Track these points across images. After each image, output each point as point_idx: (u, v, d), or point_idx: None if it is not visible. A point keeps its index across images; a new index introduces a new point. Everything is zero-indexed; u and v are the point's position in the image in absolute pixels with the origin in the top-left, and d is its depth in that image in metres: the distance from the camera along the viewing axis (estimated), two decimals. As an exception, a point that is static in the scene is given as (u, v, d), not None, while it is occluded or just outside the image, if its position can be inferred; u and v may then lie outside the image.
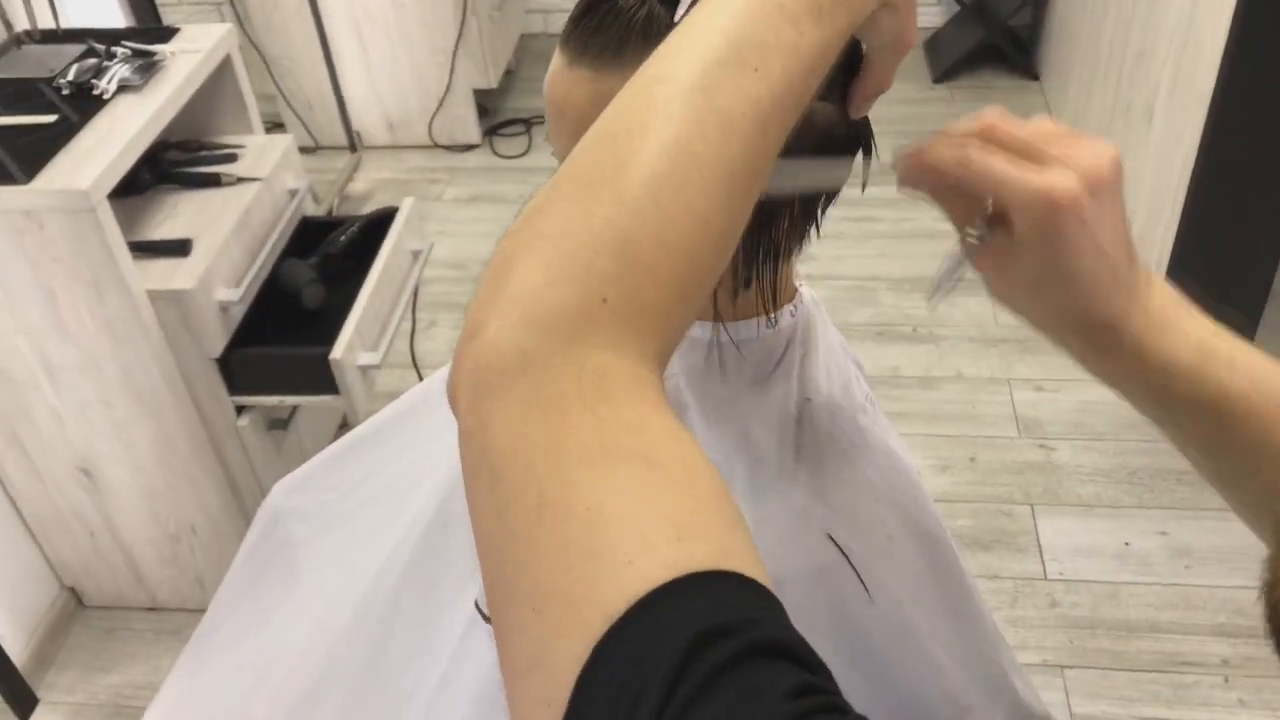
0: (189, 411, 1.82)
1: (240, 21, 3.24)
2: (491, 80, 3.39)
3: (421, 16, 3.22)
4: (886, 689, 0.74)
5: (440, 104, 3.35)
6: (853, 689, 0.72)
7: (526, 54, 3.86)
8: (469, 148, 3.43)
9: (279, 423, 2.01)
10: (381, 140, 3.46)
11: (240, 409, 1.90)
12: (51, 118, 1.71)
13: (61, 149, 1.64)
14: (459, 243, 3.01)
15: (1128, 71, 2.70)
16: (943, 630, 0.79)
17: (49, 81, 1.79)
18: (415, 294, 2.13)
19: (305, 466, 1.10)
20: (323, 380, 1.82)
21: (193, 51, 1.89)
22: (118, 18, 2.43)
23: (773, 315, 0.77)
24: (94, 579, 2.10)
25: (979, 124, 0.56)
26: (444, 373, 1.13)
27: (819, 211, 0.73)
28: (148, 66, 1.81)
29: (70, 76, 1.78)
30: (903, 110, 3.45)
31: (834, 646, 0.73)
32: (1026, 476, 2.27)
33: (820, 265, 2.83)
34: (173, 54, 1.87)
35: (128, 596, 2.12)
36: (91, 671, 2.06)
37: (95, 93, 1.76)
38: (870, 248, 2.88)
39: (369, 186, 3.31)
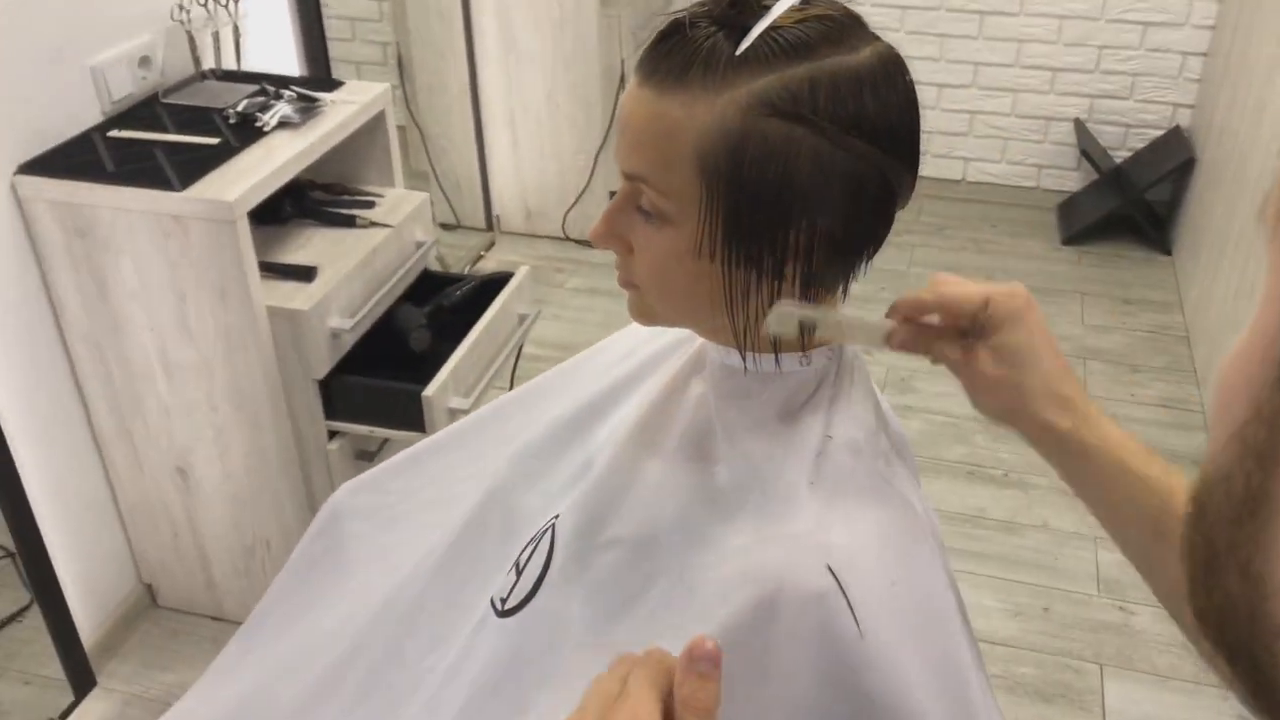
0: (285, 427, 1.93)
1: (407, 102, 3.48)
2: (628, 184, 3.54)
3: (572, 118, 3.41)
4: None
5: (577, 200, 3.51)
6: (837, 716, 0.73)
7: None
8: (597, 244, 3.56)
9: (366, 454, 2.10)
10: (518, 227, 3.63)
11: (332, 434, 2.00)
12: (215, 140, 1.88)
13: (217, 167, 1.80)
14: (569, 327, 3.12)
15: (1257, 254, 2.67)
16: (932, 684, 0.78)
17: (219, 111, 1.98)
18: (517, 358, 2.22)
19: (373, 470, 1.16)
20: (413, 416, 1.91)
21: (352, 103, 2.06)
22: (295, 70, 2.65)
23: (808, 356, 0.81)
24: (170, 578, 2.20)
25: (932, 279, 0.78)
26: (513, 394, 1.19)
27: (862, 262, 0.77)
28: (308, 109, 1.98)
29: (239, 109, 1.96)
30: (1028, 266, 3.47)
31: (821, 668, 0.73)
32: (1101, 636, 2.18)
33: (920, 399, 2.83)
34: (334, 102, 2.04)
35: (197, 602, 2.21)
36: (150, 668, 2.14)
37: (257, 125, 1.93)
38: (973, 390, 2.87)
39: (498, 266, 3.46)
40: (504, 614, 0.89)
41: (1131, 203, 3.49)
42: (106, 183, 1.76)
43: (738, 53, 0.69)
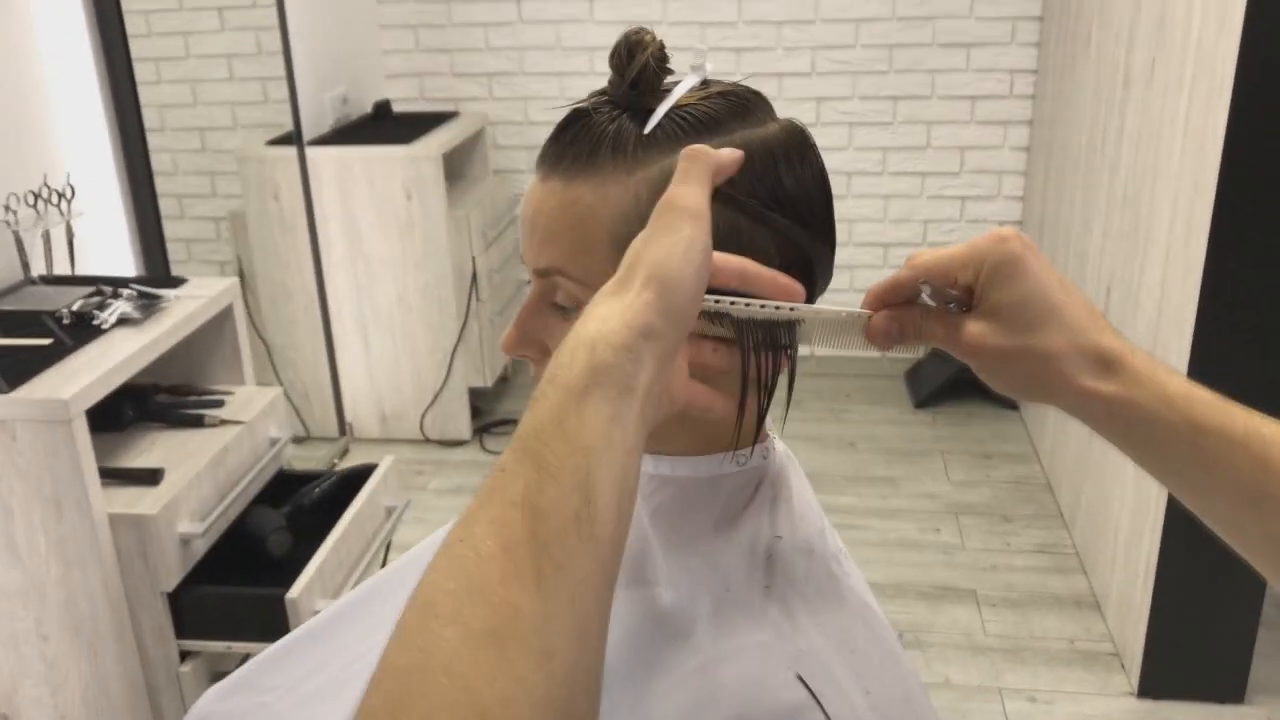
0: (130, 650, 1.72)
1: (250, 314, 3.38)
2: (487, 380, 3.49)
3: (426, 318, 3.37)
4: None
5: (435, 399, 3.43)
6: None
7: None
8: (458, 443, 3.46)
9: (223, 675, 1.88)
10: (373, 433, 3.51)
11: (185, 655, 1.79)
12: (47, 341, 1.75)
13: (50, 367, 1.67)
14: (435, 530, 2.98)
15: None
16: None
17: (52, 314, 1.85)
18: (386, 553, 2.08)
19: (241, 669, 1.02)
20: (276, 624, 1.73)
21: (197, 298, 1.96)
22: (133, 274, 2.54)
23: (743, 455, 0.76)
24: None
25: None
26: (397, 564, 1.08)
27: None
28: (149, 306, 1.88)
29: (74, 308, 1.84)
30: (889, 430, 3.53)
31: None
32: (1022, 791, 2.10)
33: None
34: (177, 298, 1.94)
35: None
36: None
37: (95, 323, 1.81)
38: (856, 555, 2.84)
39: (354, 475, 3.31)
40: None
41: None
42: (-80, 391, 1.60)
43: (646, 131, 0.68)
